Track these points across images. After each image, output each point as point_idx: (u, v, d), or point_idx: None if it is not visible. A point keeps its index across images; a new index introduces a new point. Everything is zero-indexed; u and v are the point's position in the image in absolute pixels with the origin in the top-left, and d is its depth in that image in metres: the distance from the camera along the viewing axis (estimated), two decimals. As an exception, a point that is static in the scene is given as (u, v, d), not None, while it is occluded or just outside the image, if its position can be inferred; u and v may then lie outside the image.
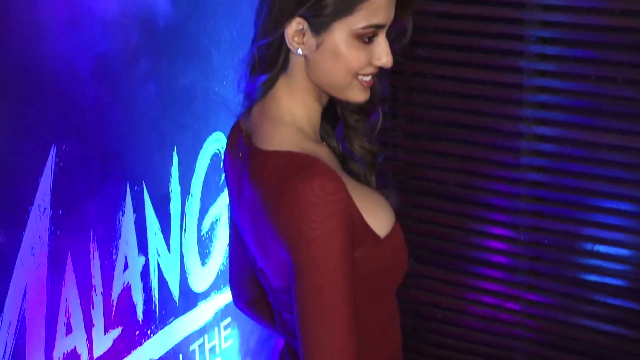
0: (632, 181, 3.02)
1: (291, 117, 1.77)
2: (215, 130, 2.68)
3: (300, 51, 1.72)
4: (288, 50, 1.74)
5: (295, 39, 1.71)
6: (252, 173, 1.73)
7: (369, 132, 1.92)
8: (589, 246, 3.10)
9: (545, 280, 3.20)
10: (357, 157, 1.92)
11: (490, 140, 3.17)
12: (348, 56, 1.71)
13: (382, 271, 1.78)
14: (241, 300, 2.06)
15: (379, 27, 1.71)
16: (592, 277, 3.11)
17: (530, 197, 3.17)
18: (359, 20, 1.69)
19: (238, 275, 2.02)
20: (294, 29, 1.70)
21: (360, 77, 1.75)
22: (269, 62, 1.76)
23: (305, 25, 1.70)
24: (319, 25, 1.70)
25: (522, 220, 3.20)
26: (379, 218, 1.76)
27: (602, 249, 3.07)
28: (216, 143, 2.69)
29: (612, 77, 2.98)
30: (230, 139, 1.91)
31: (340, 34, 1.70)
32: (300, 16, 1.69)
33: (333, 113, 1.90)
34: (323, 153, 1.77)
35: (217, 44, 2.64)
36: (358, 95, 1.77)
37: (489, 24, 3.07)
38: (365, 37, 1.71)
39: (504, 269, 3.26)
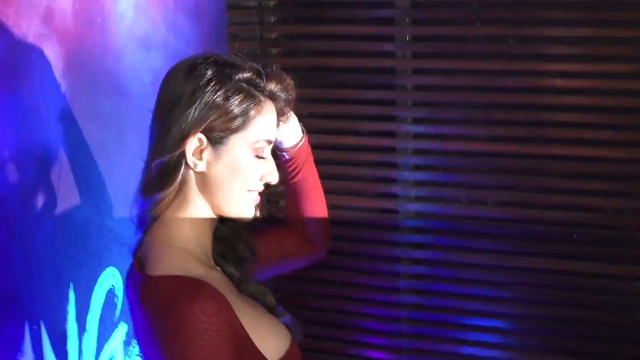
0: (503, 299, 3.20)
1: (180, 241, 1.85)
2: (109, 266, 2.70)
3: (199, 167, 1.82)
4: (186, 168, 1.84)
5: (196, 155, 1.82)
6: (141, 300, 1.79)
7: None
8: (469, 364, 3.25)
9: (429, 402, 3.31)
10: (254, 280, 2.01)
11: (369, 265, 3.31)
12: (245, 169, 1.84)
13: None
14: None
15: (269, 142, 1.87)
16: (474, 397, 3.25)
17: (410, 319, 3.30)
18: (253, 134, 1.84)
19: None
20: (194, 145, 1.81)
21: (251, 193, 1.88)
22: (166, 179, 1.84)
23: (205, 141, 1.81)
24: (218, 140, 1.82)
25: (404, 343, 3.33)
26: (268, 342, 1.82)
27: (481, 366, 3.22)
28: (110, 279, 2.70)
29: (482, 200, 3.18)
30: (129, 270, 1.97)
31: (236, 147, 1.83)
32: (201, 132, 1.81)
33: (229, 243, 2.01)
34: (212, 276, 1.82)
35: (110, 179, 2.69)
36: (250, 210, 1.90)
37: (364, 153, 3.24)
38: (258, 152, 1.85)
39: (388, 394, 3.36)
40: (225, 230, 1.99)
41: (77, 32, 2.53)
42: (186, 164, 1.85)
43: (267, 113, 1.88)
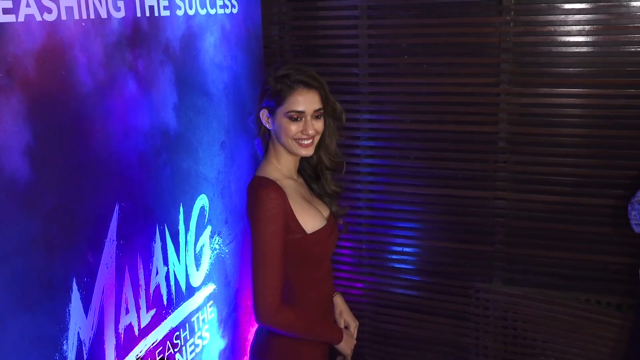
0: (417, 211, 3.16)
1: (272, 161, 1.86)
2: (201, 193, 2.68)
3: (269, 127, 1.84)
4: (266, 128, 1.86)
5: (264, 119, 1.83)
6: (248, 186, 1.83)
7: (336, 179, 2.00)
8: None
9: None
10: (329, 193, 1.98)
11: (343, 195, 3.27)
12: (284, 128, 1.81)
13: (309, 251, 1.84)
14: None
15: (298, 112, 1.79)
16: None
17: (367, 224, 3.25)
18: (285, 108, 1.80)
19: None
20: (263, 114, 1.83)
21: (298, 141, 1.82)
22: (258, 131, 1.89)
23: (267, 113, 1.82)
24: (272, 112, 1.82)
25: (363, 237, 3.31)
26: (307, 221, 1.83)
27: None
28: (202, 200, 2.68)
29: (406, 155, 3.14)
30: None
31: (279, 115, 1.81)
32: (263, 107, 1.83)
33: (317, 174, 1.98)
34: (286, 182, 1.83)
35: (201, 143, 2.66)
36: (298, 150, 1.82)
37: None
38: (292, 117, 1.79)
39: None
40: (313, 161, 1.96)
41: (182, 60, 2.50)
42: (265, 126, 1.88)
43: (295, 94, 1.78)
